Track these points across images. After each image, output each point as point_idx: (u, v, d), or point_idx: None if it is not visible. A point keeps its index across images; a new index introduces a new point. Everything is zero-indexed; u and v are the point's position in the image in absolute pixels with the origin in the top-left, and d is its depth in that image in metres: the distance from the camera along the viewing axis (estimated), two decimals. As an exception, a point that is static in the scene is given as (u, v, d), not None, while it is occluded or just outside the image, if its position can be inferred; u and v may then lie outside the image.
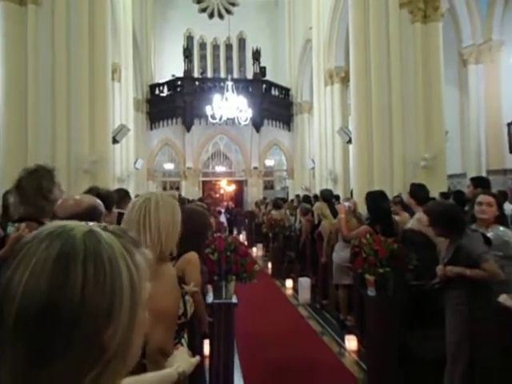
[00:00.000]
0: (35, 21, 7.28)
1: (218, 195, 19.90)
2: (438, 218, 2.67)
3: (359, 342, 4.14)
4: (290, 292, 6.93)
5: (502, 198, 4.84)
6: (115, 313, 0.51)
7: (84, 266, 0.50)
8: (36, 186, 2.02)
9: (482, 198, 2.91)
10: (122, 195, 3.81)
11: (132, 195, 4.79)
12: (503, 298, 2.15)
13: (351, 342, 4.18)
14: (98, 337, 0.50)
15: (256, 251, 11.36)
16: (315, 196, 8.57)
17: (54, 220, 1.82)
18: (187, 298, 1.54)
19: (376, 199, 4.12)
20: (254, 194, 18.25)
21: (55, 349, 0.48)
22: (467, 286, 2.46)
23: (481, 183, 4.02)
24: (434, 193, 6.44)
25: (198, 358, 1.18)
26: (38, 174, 2.09)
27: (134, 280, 0.55)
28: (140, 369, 1.29)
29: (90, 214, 1.63)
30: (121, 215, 3.45)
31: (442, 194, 5.59)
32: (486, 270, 2.42)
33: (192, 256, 2.22)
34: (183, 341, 1.52)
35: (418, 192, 3.66)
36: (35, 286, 0.49)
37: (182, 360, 1.13)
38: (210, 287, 3.08)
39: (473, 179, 4.40)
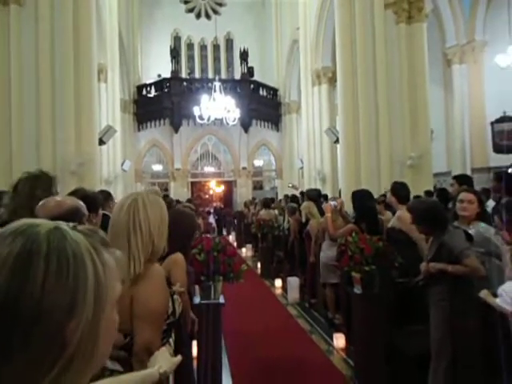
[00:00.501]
0: (18, 21, 7.19)
1: (207, 196, 19.86)
2: (421, 216, 2.70)
3: (347, 339, 4.17)
4: (279, 291, 6.96)
5: (484, 195, 4.94)
6: (78, 308, 0.51)
7: (46, 262, 0.50)
8: (29, 193, 2.00)
9: (463, 195, 2.96)
10: (105, 197, 3.79)
11: (120, 197, 4.76)
12: (484, 294, 2.19)
13: (339, 340, 4.21)
14: (59, 333, 0.49)
15: (245, 251, 11.36)
16: (302, 193, 8.61)
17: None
18: (175, 297, 1.55)
19: (361, 198, 4.16)
20: (244, 194, 18.26)
21: (15, 344, 0.48)
22: (449, 282, 2.51)
23: (464, 181, 4.09)
24: (421, 191, 6.55)
25: (179, 357, 1.19)
26: (35, 180, 2.07)
27: (100, 277, 0.54)
28: (127, 367, 1.30)
29: (72, 216, 1.62)
30: (104, 216, 3.43)
31: (427, 193, 5.68)
32: (467, 266, 2.47)
33: (178, 257, 2.22)
34: (171, 340, 1.52)
35: (400, 190, 3.70)
36: None
37: (163, 360, 1.13)
38: (197, 288, 3.08)
39: (456, 177, 4.47)
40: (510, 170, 6.27)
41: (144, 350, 1.28)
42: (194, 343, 3.18)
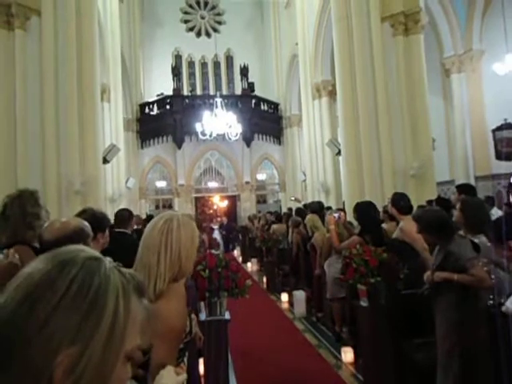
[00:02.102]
0: (23, 45, 7.35)
1: (211, 211, 19.87)
2: (428, 225, 2.69)
3: (355, 353, 4.12)
4: (285, 306, 6.90)
5: (488, 203, 4.92)
6: (82, 334, 0.50)
7: (68, 286, 0.51)
8: (20, 212, 2.02)
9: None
10: (127, 216, 3.80)
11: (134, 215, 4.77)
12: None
13: (347, 354, 4.16)
14: (55, 353, 0.49)
15: (251, 266, 11.31)
16: (305, 206, 8.61)
17: (41, 244, 1.83)
18: (192, 316, 1.57)
19: (365, 210, 4.16)
20: (247, 208, 18.26)
21: (13, 354, 0.49)
22: (456, 292, 2.49)
23: (465, 190, 4.09)
24: (425, 201, 6.53)
25: (185, 375, 1.19)
26: (20, 199, 2.07)
27: (118, 319, 0.53)
28: (142, 383, 1.30)
29: (76, 237, 1.64)
30: (121, 234, 3.44)
31: (429, 202, 5.67)
32: (473, 276, 2.45)
33: None
34: (185, 359, 1.53)
35: (399, 201, 3.70)
36: (11, 297, 0.51)
37: (169, 378, 1.14)
38: (202, 304, 3.07)
39: (458, 186, 4.47)
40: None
41: (160, 367, 1.28)
42: (201, 361, 3.16)
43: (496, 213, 5.68)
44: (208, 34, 20.68)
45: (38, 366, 0.49)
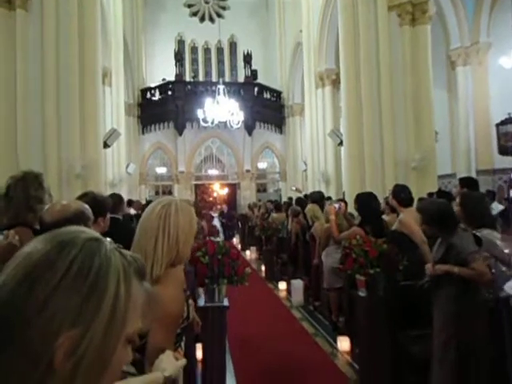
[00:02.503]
0: (24, 25, 7.25)
1: (211, 198, 19.88)
2: (432, 217, 2.68)
3: (351, 342, 4.16)
4: (283, 294, 6.94)
5: (489, 197, 4.91)
6: (83, 317, 0.49)
7: (68, 267, 0.50)
8: (23, 195, 2.01)
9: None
10: (117, 200, 3.79)
11: (125, 200, 4.76)
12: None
13: (343, 343, 4.20)
14: (56, 335, 0.48)
15: (249, 254, 11.36)
16: (305, 196, 8.61)
17: (41, 226, 1.82)
18: (190, 301, 1.56)
19: (365, 201, 4.15)
20: (247, 196, 18.26)
21: (12, 336, 0.48)
22: (456, 285, 2.49)
23: (468, 184, 4.07)
24: (425, 193, 6.52)
25: (184, 360, 1.19)
26: (25, 182, 2.06)
27: (119, 301, 0.52)
28: (140, 369, 1.30)
29: (77, 219, 1.63)
30: (114, 220, 3.44)
31: (430, 195, 5.66)
32: (474, 269, 2.45)
33: None
34: (182, 344, 1.53)
35: (400, 193, 3.69)
36: (11, 277, 0.50)
37: (168, 363, 1.13)
38: (201, 290, 3.08)
39: (461, 179, 4.45)
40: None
41: (156, 353, 1.28)
42: (199, 346, 3.18)
43: (496, 207, 5.68)
44: (212, 19, 20.41)
45: (38, 348, 0.48)
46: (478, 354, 2.40)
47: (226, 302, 3.04)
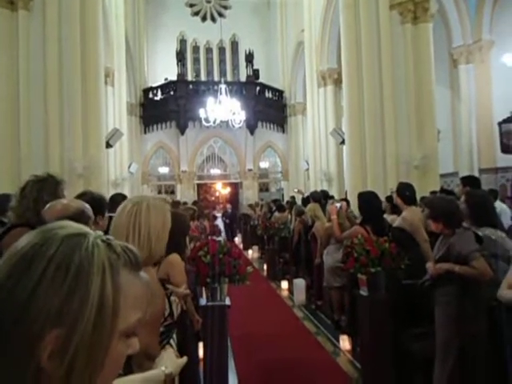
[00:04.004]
0: (27, 26, 7.28)
1: (213, 198, 19.89)
2: (439, 212, 2.67)
3: (353, 341, 4.16)
4: (285, 293, 6.95)
5: (492, 196, 4.89)
6: (66, 317, 0.48)
7: (45, 266, 0.49)
8: (36, 196, 2.03)
9: None
10: (121, 200, 3.79)
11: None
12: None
13: (345, 342, 4.20)
14: (39, 337, 0.47)
15: (252, 253, 11.37)
16: (307, 198, 8.61)
17: (41, 225, 1.83)
18: (172, 298, 1.55)
19: (367, 199, 4.15)
20: (250, 196, 18.26)
21: None
22: (457, 284, 2.48)
23: (470, 182, 4.06)
24: (427, 192, 6.50)
25: (185, 358, 1.19)
26: (42, 184, 2.09)
27: (106, 297, 0.50)
28: (127, 370, 1.30)
29: (77, 219, 1.63)
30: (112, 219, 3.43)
31: (433, 193, 5.64)
32: (475, 268, 2.45)
33: (174, 258, 2.22)
34: (172, 342, 1.53)
35: (405, 191, 3.69)
36: None
37: (169, 361, 1.14)
38: (202, 289, 3.09)
39: (463, 178, 4.44)
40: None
41: (141, 354, 1.28)
42: (200, 345, 3.19)
43: (499, 206, 5.65)
44: (213, 19, 20.39)
45: (24, 349, 0.47)
46: (480, 353, 2.40)
47: (227, 301, 3.05)
